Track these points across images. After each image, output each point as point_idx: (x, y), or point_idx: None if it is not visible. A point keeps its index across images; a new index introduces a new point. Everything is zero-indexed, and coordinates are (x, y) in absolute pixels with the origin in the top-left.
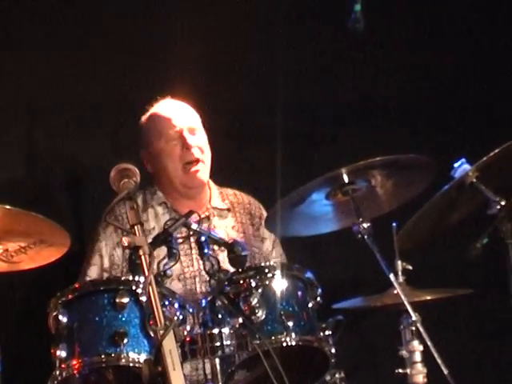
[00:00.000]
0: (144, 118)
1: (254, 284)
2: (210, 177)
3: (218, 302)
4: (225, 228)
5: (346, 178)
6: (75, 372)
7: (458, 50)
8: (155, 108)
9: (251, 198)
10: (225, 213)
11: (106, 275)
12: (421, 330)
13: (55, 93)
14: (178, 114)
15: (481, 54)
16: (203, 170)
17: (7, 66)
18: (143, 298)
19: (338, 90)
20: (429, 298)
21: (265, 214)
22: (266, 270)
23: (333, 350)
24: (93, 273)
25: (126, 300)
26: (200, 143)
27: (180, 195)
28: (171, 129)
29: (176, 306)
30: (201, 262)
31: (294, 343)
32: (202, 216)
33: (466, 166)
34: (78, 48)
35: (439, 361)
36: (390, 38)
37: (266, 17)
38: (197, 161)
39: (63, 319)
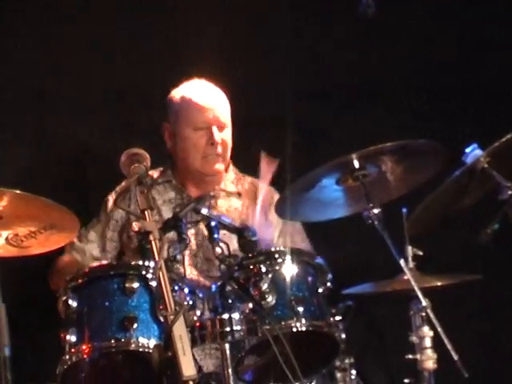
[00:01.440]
0: (176, 94)
1: (264, 269)
2: (234, 163)
3: (228, 287)
4: (227, 207)
5: (356, 164)
6: (85, 356)
7: (469, 34)
8: (190, 90)
9: (270, 187)
10: (234, 195)
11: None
12: (431, 315)
13: (66, 79)
14: (212, 105)
15: (493, 38)
16: (221, 162)
17: (18, 52)
18: (153, 283)
19: (348, 74)
20: (439, 283)
21: (277, 196)
22: (276, 256)
23: (342, 336)
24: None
25: (135, 285)
26: (225, 139)
27: (192, 177)
28: (201, 119)
29: (186, 291)
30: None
31: (303, 328)
32: (208, 195)
33: (478, 152)
34: (90, 34)
35: (449, 347)
36: (400, 22)
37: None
38: (217, 155)
39: (73, 304)
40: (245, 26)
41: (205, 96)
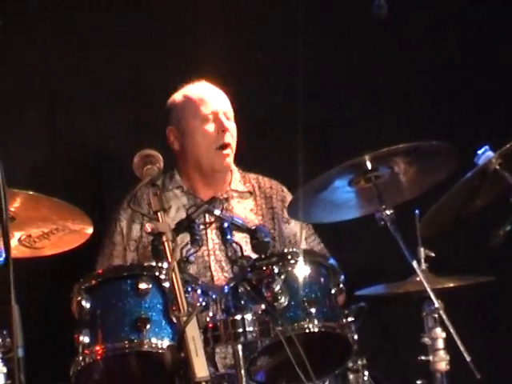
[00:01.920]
0: (177, 96)
1: (276, 270)
2: (234, 162)
3: (241, 289)
4: (243, 210)
5: (369, 165)
6: (98, 358)
7: (483, 35)
8: (190, 89)
9: (274, 182)
10: (245, 195)
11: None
12: (443, 317)
13: (77, 78)
14: (215, 97)
15: (507, 38)
16: (231, 156)
17: (28, 51)
18: (166, 284)
19: (362, 75)
20: (451, 285)
21: (289, 197)
22: (289, 257)
23: (355, 337)
24: (118, 254)
25: (148, 286)
26: (232, 129)
27: (202, 177)
28: (208, 109)
29: (199, 292)
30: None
31: (316, 330)
32: (221, 198)
33: (490, 153)
34: (100, 32)
35: (462, 348)
36: (412, 24)
37: (285, 3)
38: (228, 145)
39: (86, 305)
40: (250, 27)
41: (207, 90)
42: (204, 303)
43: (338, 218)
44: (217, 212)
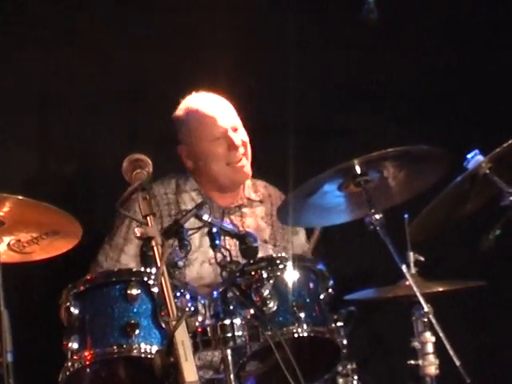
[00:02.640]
0: (181, 112)
1: (265, 275)
2: None
3: (230, 293)
4: (255, 218)
5: (358, 169)
6: (87, 363)
7: (472, 39)
8: (194, 104)
9: (279, 191)
10: (256, 204)
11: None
12: (433, 321)
13: (68, 81)
14: (221, 113)
15: (496, 43)
16: (247, 164)
17: (20, 54)
18: (155, 290)
19: (350, 80)
20: (441, 289)
21: None
22: (278, 261)
23: (344, 342)
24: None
25: (137, 291)
26: (243, 140)
27: (219, 190)
28: (216, 129)
29: (187, 297)
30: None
31: (305, 334)
32: (235, 204)
33: (480, 157)
34: (93, 36)
35: (451, 352)
36: (402, 28)
37: (277, 8)
38: (240, 159)
39: (75, 311)
40: (247, 31)
41: (211, 104)
42: (193, 308)
43: (328, 223)
44: (205, 217)
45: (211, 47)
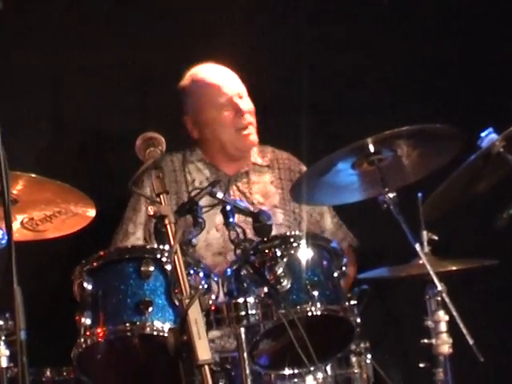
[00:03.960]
0: (187, 82)
1: (279, 253)
2: None
3: (243, 271)
4: (264, 183)
5: (371, 148)
6: (100, 340)
7: (488, 15)
8: (199, 74)
9: (289, 154)
10: (264, 169)
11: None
12: (446, 300)
13: (80, 61)
14: (227, 81)
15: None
16: (254, 133)
17: (31, 35)
18: (168, 267)
19: (365, 58)
20: (454, 268)
21: (304, 168)
22: (292, 240)
23: (358, 320)
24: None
25: (151, 268)
26: (250, 107)
27: (226, 156)
28: (222, 96)
29: (201, 274)
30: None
31: (319, 313)
32: (242, 171)
33: (493, 136)
34: (103, 16)
35: (465, 331)
36: (415, 6)
37: None
38: (248, 125)
39: (88, 287)
40: (259, 7)
41: (216, 73)
42: (206, 286)
43: (341, 201)
44: (219, 195)
45: (223, 23)
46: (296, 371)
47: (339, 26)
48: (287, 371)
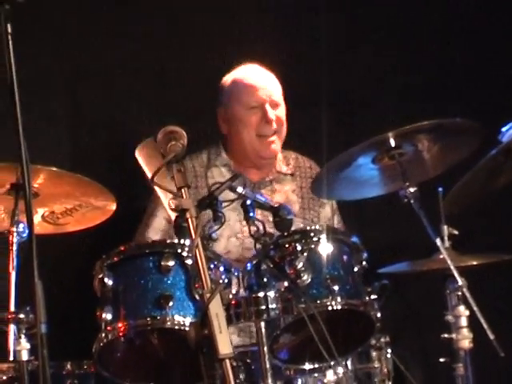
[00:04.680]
0: (228, 78)
1: (299, 248)
2: None
3: (264, 266)
4: (285, 192)
5: (392, 142)
6: (121, 334)
7: (500, 11)
8: (241, 72)
9: (312, 162)
10: (287, 177)
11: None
12: (467, 294)
13: (98, 57)
14: (265, 85)
15: None
16: (277, 142)
17: (50, 31)
18: (188, 261)
19: (385, 52)
20: (475, 262)
21: None
22: (312, 234)
23: (378, 315)
24: (152, 234)
25: (171, 263)
26: (279, 117)
27: (248, 161)
28: (254, 97)
29: (221, 269)
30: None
31: (339, 307)
32: (266, 179)
33: None
34: (121, 12)
35: (485, 326)
36: (432, 3)
37: None
38: (273, 133)
39: (109, 282)
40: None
41: (256, 76)
42: (226, 280)
43: (362, 196)
44: (239, 189)
45: (244, 19)
46: (316, 366)
47: (360, 20)
48: (307, 366)
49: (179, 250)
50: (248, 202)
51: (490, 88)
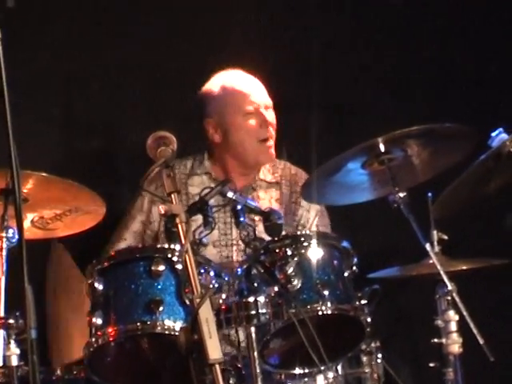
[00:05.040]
0: (214, 86)
1: (289, 253)
2: None
3: (254, 271)
4: (269, 199)
5: (382, 148)
6: (111, 339)
7: (499, 15)
8: (228, 79)
9: (300, 170)
10: (272, 186)
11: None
12: (456, 299)
13: (91, 60)
14: (255, 90)
15: None
16: (273, 146)
17: (44, 34)
18: (179, 266)
19: (375, 57)
20: (464, 267)
21: None
22: (302, 239)
23: (368, 319)
24: (127, 236)
25: (161, 268)
26: (273, 120)
27: (242, 168)
28: (250, 104)
29: (211, 274)
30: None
31: (329, 312)
32: (249, 187)
33: (504, 136)
34: (115, 15)
35: (475, 331)
36: (428, 7)
37: None
38: (270, 137)
39: (99, 287)
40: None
41: (245, 81)
42: (217, 285)
43: (352, 201)
44: (230, 194)
45: (234, 24)
46: (306, 370)
47: (351, 23)
48: (298, 370)
49: (169, 255)
50: (238, 206)
51: (480, 93)
